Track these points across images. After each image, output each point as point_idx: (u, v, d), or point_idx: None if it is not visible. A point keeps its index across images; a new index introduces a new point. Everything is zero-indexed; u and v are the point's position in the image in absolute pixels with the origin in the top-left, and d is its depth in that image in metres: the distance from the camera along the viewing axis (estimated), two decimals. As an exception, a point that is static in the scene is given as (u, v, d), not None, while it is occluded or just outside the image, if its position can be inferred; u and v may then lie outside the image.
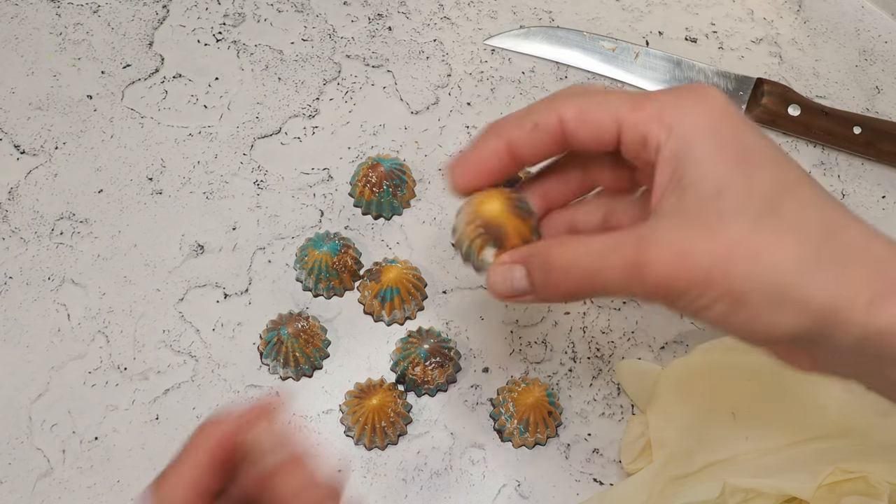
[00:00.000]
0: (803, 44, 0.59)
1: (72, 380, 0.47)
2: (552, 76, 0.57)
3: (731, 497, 0.42)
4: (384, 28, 0.58)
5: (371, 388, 0.46)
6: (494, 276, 0.34)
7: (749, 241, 0.29)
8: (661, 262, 0.29)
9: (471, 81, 0.56)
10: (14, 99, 0.54)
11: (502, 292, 0.34)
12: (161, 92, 0.55)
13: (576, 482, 0.46)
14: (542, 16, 0.59)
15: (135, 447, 0.45)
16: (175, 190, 0.52)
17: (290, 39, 0.57)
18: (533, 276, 0.33)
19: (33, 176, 0.52)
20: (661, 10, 0.60)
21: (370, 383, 0.46)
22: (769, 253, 0.29)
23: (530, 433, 0.45)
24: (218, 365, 0.47)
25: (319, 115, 0.55)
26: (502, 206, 0.35)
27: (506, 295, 0.34)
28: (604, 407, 0.48)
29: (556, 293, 0.33)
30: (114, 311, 0.49)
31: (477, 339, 0.49)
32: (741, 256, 0.29)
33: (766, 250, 0.29)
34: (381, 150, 0.54)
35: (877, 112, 0.57)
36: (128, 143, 0.53)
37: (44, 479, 0.45)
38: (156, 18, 0.57)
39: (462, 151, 0.35)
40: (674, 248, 0.29)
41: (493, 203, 0.35)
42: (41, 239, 0.50)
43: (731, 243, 0.29)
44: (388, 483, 0.45)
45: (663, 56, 0.57)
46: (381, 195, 0.51)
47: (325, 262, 0.48)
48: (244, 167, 0.53)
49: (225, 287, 0.50)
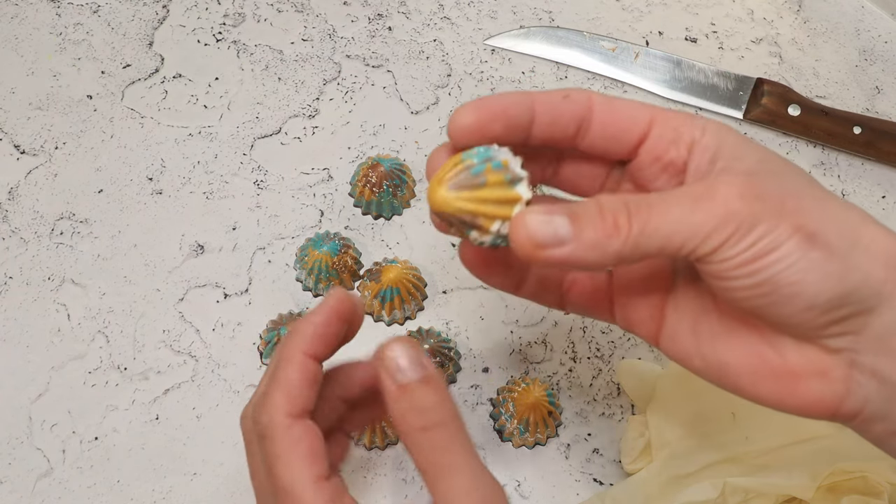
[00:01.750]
0: (803, 44, 0.59)
1: (72, 380, 0.47)
2: (552, 76, 0.57)
3: (731, 497, 0.42)
4: (384, 28, 0.58)
5: (371, 388, 0.46)
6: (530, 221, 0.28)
7: (813, 191, 0.29)
8: (733, 196, 0.28)
9: (471, 81, 0.56)
10: (14, 99, 0.54)
11: (538, 237, 0.28)
12: (161, 92, 0.55)
13: (576, 482, 0.46)
14: (542, 16, 0.59)
15: (135, 447, 0.45)
16: (175, 190, 0.52)
17: (290, 39, 0.57)
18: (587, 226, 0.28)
19: (33, 176, 0.52)
20: (661, 10, 0.60)
21: (370, 383, 0.46)
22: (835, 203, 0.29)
23: (530, 433, 0.45)
24: (218, 365, 0.47)
25: (319, 115, 0.55)
26: (445, 193, 0.29)
27: (541, 242, 0.28)
28: (604, 407, 0.48)
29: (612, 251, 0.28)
30: (114, 311, 0.49)
31: (477, 339, 0.49)
32: (810, 196, 0.29)
33: (832, 200, 0.29)
34: (381, 150, 0.54)
35: (877, 112, 0.57)
36: (128, 143, 0.53)
37: (44, 479, 0.45)
38: (156, 18, 0.57)
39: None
40: (742, 180, 0.28)
41: (436, 192, 0.29)
42: (41, 239, 0.50)
43: (798, 187, 0.29)
44: (388, 483, 0.45)
45: (663, 56, 0.57)
46: (381, 195, 0.51)
47: (325, 262, 0.48)
48: (244, 167, 0.53)
49: (225, 287, 0.50)
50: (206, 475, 0.45)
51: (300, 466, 0.29)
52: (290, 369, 0.30)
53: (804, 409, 0.30)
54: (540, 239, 0.28)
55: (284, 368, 0.31)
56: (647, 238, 0.28)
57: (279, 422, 0.30)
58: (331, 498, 0.29)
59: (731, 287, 0.28)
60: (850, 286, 0.28)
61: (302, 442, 0.29)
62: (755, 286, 0.28)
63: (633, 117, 0.32)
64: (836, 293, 0.28)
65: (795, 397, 0.30)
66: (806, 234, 0.27)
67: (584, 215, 0.28)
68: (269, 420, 0.30)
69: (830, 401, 0.29)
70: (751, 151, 0.30)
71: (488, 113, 0.30)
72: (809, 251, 0.27)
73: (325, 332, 0.31)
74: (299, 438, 0.29)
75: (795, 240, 0.27)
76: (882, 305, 0.28)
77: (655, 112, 0.32)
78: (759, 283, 0.28)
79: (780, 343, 0.30)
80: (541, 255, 0.28)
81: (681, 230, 0.28)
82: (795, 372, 0.29)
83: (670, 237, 0.28)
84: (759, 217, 0.27)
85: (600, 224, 0.28)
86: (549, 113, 0.31)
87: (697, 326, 0.32)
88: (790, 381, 0.29)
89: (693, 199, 0.28)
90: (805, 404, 0.29)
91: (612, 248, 0.28)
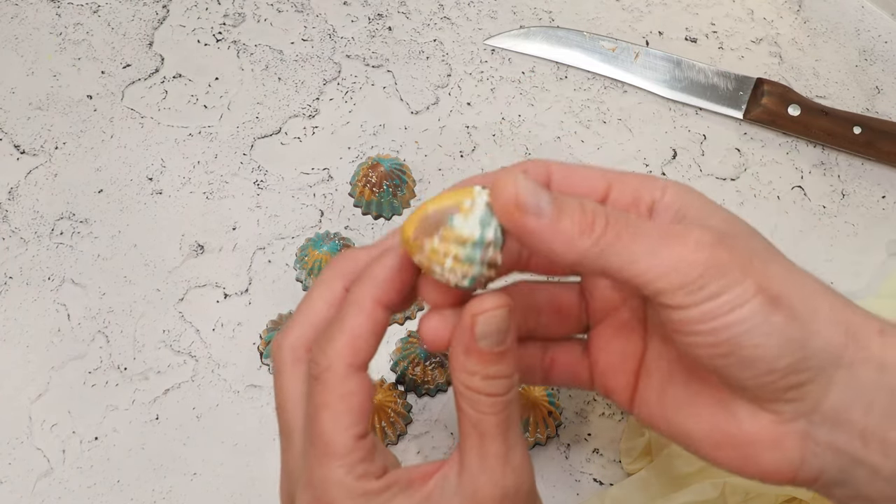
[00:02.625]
0: (803, 44, 0.59)
1: (72, 380, 0.47)
2: (552, 76, 0.57)
3: (731, 497, 0.42)
4: (384, 28, 0.58)
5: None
6: (520, 181, 0.27)
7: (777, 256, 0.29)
8: (706, 243, 0.28)
9: (471, 81, 0.56)
10: (14, 99, 0.54)
11: (523, 198, 0.27)
12: (161, 92, 0.55)
13: (576, 482, 0.46)
14: (542, 16, 0.59)
15: (135, 447, 0.45)
16: (175, 190, 0.52)
17: (290, 39, 0.57)
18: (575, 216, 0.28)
19: (33, 176, 0.52)
20: (661, 10, 0.60)
21: (370, 383, 0.46)
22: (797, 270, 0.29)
23: (530, 433, 0.45)
24: (218, 365, 0.47)
25: (319, 115, 0.55)
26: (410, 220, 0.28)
27: (524, 204, 0.27)
28: (604, 407, 0.48)
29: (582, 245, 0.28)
30: (114, 311, 0.49)
31: (477, 339, 0.49)
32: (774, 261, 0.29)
33: (794, 266, 0.29)
34: (381, 150, 0.54)
35: (877, 112, 0.57)
36: (128, 143, 0.53)
37: (44, 479, 0.45)
38: (156, 18, 0.57)
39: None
40: (715, 232, 0.28)
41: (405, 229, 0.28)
42: (41, 239, 0.50)
43: (763, 250, 0.29)
44: (388, 483, 0.45)
45: (663, 56, 0.57)
46: (381, 195, 0.51)
47: (325, 262, 0.48)
48: (244, 167, 0.53)
49: (225, 287, 0.50)
50: (206, 475, 0.45)
51: (346, 421, 0.29)
52: (360, 317, 0.29)
53: (763, 476, 0.30)
54: (523, 201, 0.27)
55: (354, 316, 0.29)
56: (614, 252, 0.28)
57: (338, 370, 0.29)
58: (364, 457, 0.29)
59: (693, 343, 0.28)
60: (809, 352, 0.28)
61: (354, 397, 0.29)
62: (716, 345, 0.28)
63: (590, 184, 0.32)
64: (797, 357, 0.28)
65: (753, 465, 0.30)
66: (769, 296, 0.27)
67: (567, 205, 0.28)
68: (328, 365, 0.29)
69: (787, 469, 0.29)
70: (718, 211, 0.31)
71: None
72: (772, 315, 0.27)
73: (400, 279, 0.30)
74: (352, 392, 0.29)
75: (759, 300, 0.27)
76: (838, 374, 0.28)
77: (612, 177, 0.32)
78: (720, 343, 0.28)
79: (737, 410, 0.30)
80: (518, 219, 0.27)
81: (646, 260, 0.28)
82: (751, 441, 0.30)
83: (633, 262, 0.28)
84: (726, 268, 0.27)
85: (579, 217, 0.28)
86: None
87: (664, 395, 0.32)
88: (747, 449, 0.30)
89: (666, 235, 0.28)
90: (763, 472, 0.30)
91: (579, 246, 0.28)
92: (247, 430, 0.46)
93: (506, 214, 0.28)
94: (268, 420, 0.46)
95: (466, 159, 0.54)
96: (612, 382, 0.34)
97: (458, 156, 0.54)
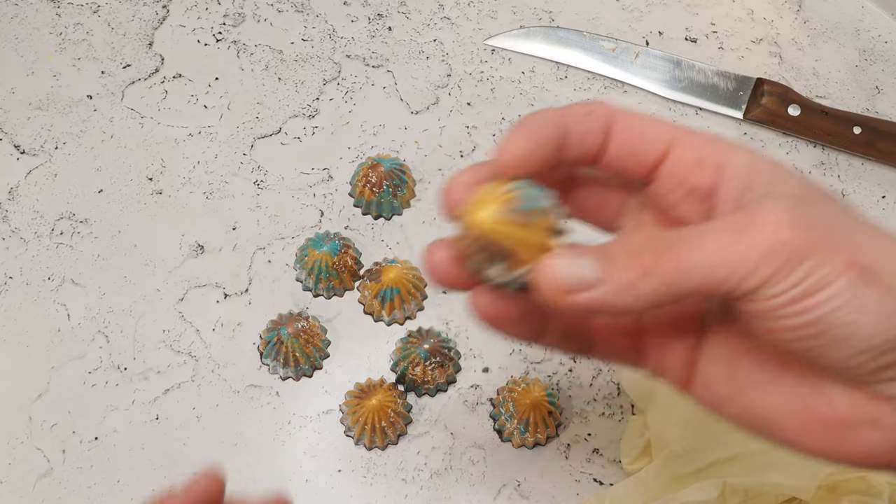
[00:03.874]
0: (803, 44, 0.59)
1: (72, 380, 0.47)
2: (552, 76, 0.57)
3: (731, 497, 0.42)
4: (384, 28, 0.58)
5: (371, 389, 0.46)
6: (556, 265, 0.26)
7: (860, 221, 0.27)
8: (783, 225, 0.25)
9: (471, 81, 0.56)
10: (14, 99, 0.54)
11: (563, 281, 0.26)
12: (161, 92, 0.55)
13: (576, 482, 0.46)
14: (542, 16, 0.59)
15: (135, 447, 0.45)
16: (175, 190, 0.52)
17: (290, 39, 0.57)
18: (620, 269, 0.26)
19: (33, 176, 0.52)
20: (661, 10, 0.60)
21: (370, 383, 0.46)
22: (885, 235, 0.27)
23: (530, 433, 0.45)
24: (218, 365, 0.47)
25: (319, 115, 0.55)
26: (495, 214, 0.27)
27: (567, 286, 0.26)
28: (604, 407, 0.48)
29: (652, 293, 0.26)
30: (114, 311, 0.49)
31: (477, 339, 0.49)
32: (859, 228, 0.26)
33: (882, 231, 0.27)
34: (381, 150, 0.54)
35: (877, 112, 0.57)
36: (128, 143, 0.53)
37: (44, 479, 0.45)
38: (156, 18, 0.57)
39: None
40: (790, 206, 0.26)
41: (484, 210, 0.27)
42: (41, 239, 0.50)
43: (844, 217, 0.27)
44: (388, 483, 0.45)
45: (663, 56, 0.57)
46: (381, 195, 0.51)
47: (325, 262, 0.48)
48: (244, 167, 0.53)
49: (225, 287, 0.50)
50: (206, 475, 0.45)
51: None
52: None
53: (855, 459, 0.28)
54: (566, 283, 0.26)
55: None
56: (685, 274, 0.25)
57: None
58: None
59: (777, 328, 0.26)
60: None
61: None
62: (804, 326, 0.25)
63: (652, 136, 0.29)
64: (894, 334, 0.25)
65: (845, 447, 0.27)
66: (860, 269, 0.25)
67: (614, 255, 0.26)
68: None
69: (884, 450, 0.27)
70: (790, 176, 0.28)
71: (536, 141, 0.28)
72: (864, 288, 0.25)
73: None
74: None
75: (849, 276, 0.25)
76: None
77: (676, 132, 0.29)
78: (809, 324, 0.25)
79: (827, 389, 0.27)
80: (568, 301, 0.26)
81: (723, 263, 0.25)
82: (845, 420, 0.27)
83: (711, 272, 0.25)
84: (809, 249, 0.25)
85: (632, 263, 0.26)
86: (575, 133, 0.29)
87: (734, 372, 0.29)
88: (839, 430, 0.27)
89: (735, 229, 0.26)
90: (856, 454, 0.28)
91: (646, 289, 0.26)
92: (247, 430, 0.46)
93: (556, 304, 0.26)
94: (268, 420, 0.46)
95: (466, 159, 0.54)
96: (667, 360, 0.31)
97: (458, 156, 0.54)
